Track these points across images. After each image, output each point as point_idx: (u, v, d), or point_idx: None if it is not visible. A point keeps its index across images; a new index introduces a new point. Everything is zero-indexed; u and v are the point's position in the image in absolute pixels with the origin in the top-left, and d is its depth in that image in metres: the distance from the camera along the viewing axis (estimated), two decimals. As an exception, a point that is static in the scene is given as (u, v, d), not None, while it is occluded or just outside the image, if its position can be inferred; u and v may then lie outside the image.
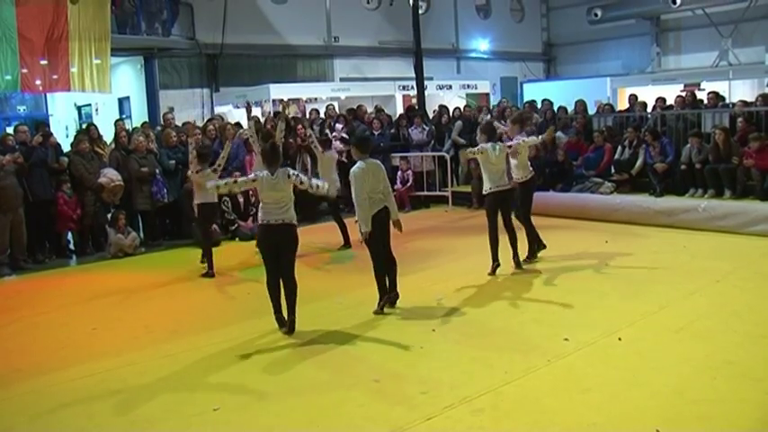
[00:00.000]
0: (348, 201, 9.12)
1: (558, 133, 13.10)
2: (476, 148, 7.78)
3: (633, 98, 14.24)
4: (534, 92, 19.27)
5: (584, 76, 21.41)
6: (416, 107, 15.34)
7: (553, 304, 6.56)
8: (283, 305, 6.15)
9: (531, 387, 4.69)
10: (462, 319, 6.32)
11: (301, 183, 6.17)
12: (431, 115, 15.27)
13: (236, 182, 6.40)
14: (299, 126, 12.39)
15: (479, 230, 10.35)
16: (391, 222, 6.72)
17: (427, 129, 13.68)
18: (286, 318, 6.13)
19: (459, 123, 14.19)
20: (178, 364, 5.56)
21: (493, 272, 7.72)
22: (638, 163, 11.64)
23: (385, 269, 6.68)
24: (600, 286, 7.09)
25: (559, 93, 15.67)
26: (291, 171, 6.23)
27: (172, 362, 5.60)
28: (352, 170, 6.52)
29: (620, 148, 12.10)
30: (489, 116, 14.57)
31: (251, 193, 10.88)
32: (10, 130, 12.10)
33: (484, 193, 7.97)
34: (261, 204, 6.20)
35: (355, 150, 6.78)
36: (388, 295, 6.70)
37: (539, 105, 14.69)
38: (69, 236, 10.49)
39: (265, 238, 6.21)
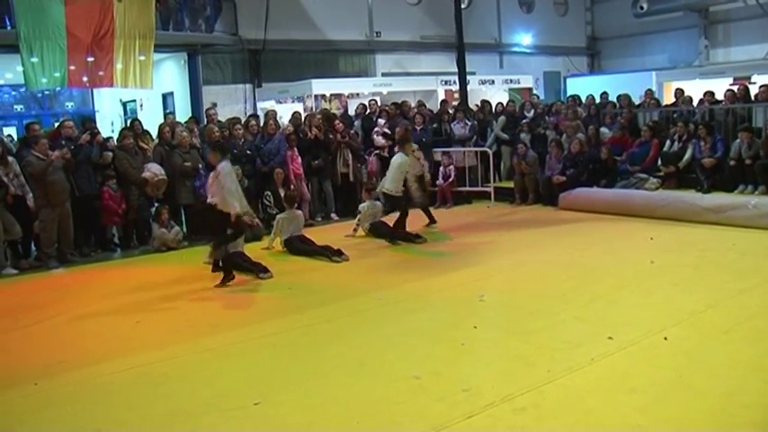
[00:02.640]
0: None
1: (603, 129, 12.89)
2: None
3: (679, 92, 13.93)
4: (578, 86, 18.96)
5: (629, 70, 20.98)
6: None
7: (597, 302, 6.43)
8: None
9: (574, 386, 4.58)
10: (504, 317, 6.25)
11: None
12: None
13: None
14: (336, 121, 12.37)
15: (522, 226, 10.26)
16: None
17: (469, 124, 13.54)
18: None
19: (502, 118, 14.06)
20: (219, 358, 5.59)
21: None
22: (686, 156, 11.39)
23: None
24: (644, 284, 6.92)
25: (604, 87, 15.35)
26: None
27: (212, 356, 5.64)
28: (222, 165, 7.81)
29: (668, 142, 11.87)
30: (533, 112, 14.46)
31: (293, 187, 10.89)
32: (57, 126, 12.33)
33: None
34: None
35: (213, 156, 8.01)
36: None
37: (583, 99, 14.56)
38: (114, 230, 10.65)
39: None
